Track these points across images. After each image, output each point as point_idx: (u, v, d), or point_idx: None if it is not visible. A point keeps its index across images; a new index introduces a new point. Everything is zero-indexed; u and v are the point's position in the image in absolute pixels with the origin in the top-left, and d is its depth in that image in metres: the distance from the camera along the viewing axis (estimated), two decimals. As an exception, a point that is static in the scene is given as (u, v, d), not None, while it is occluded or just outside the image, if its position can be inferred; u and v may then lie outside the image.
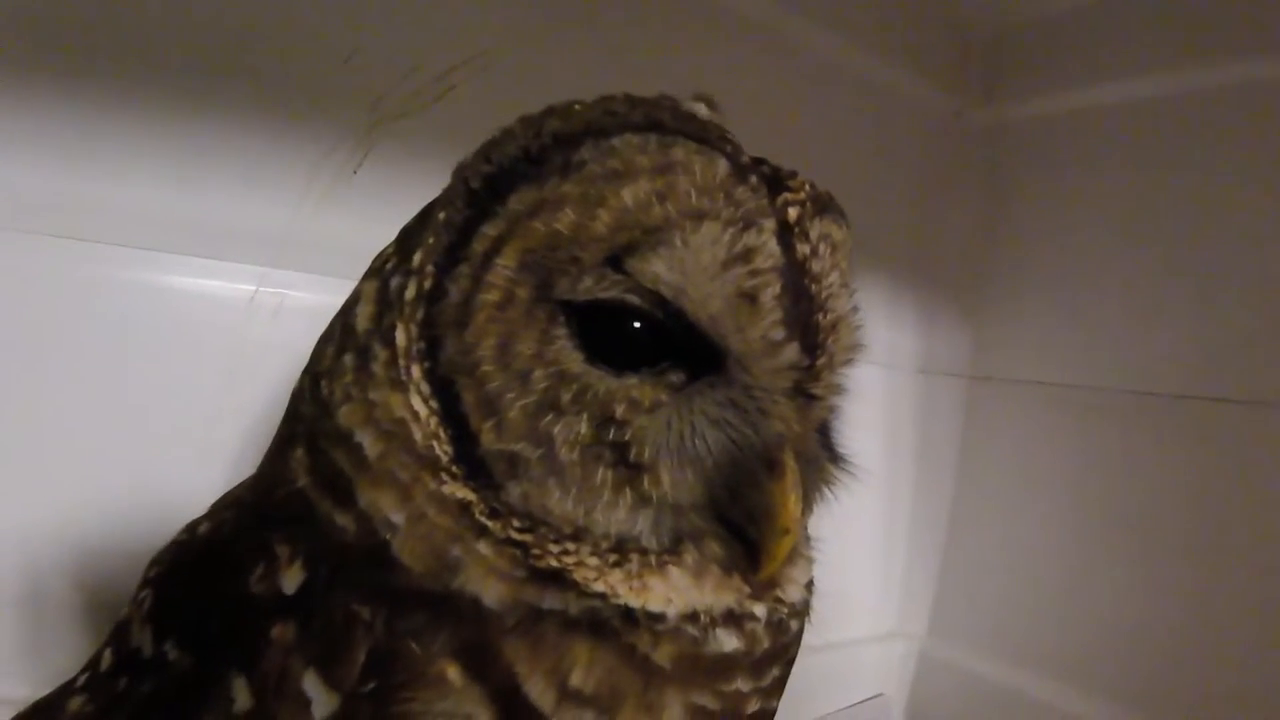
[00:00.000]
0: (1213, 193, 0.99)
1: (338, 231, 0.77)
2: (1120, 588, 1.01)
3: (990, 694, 1.10)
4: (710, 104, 0.43)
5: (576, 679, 0.36)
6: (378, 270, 0.43)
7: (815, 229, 0.40)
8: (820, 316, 0.39)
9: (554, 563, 0.37)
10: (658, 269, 0.37)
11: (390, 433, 0.39)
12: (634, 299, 0.38)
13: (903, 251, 1.27)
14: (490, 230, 0.39)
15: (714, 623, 0.39)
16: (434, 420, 0.38)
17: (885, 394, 1.26)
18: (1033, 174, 1.19)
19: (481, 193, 0.40)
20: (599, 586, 0.37)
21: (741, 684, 0.39)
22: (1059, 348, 1.13)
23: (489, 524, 0.37)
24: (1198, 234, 1.00)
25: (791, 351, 0.38)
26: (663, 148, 0.38)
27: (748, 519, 0.39)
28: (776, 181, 0.40)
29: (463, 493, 0.38)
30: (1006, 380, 1.19)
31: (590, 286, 0.38)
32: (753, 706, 0.40)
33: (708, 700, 0.38)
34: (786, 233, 0.39)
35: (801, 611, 0.45)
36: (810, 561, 0.47)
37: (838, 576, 1.21)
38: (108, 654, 0.45)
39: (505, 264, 0.38)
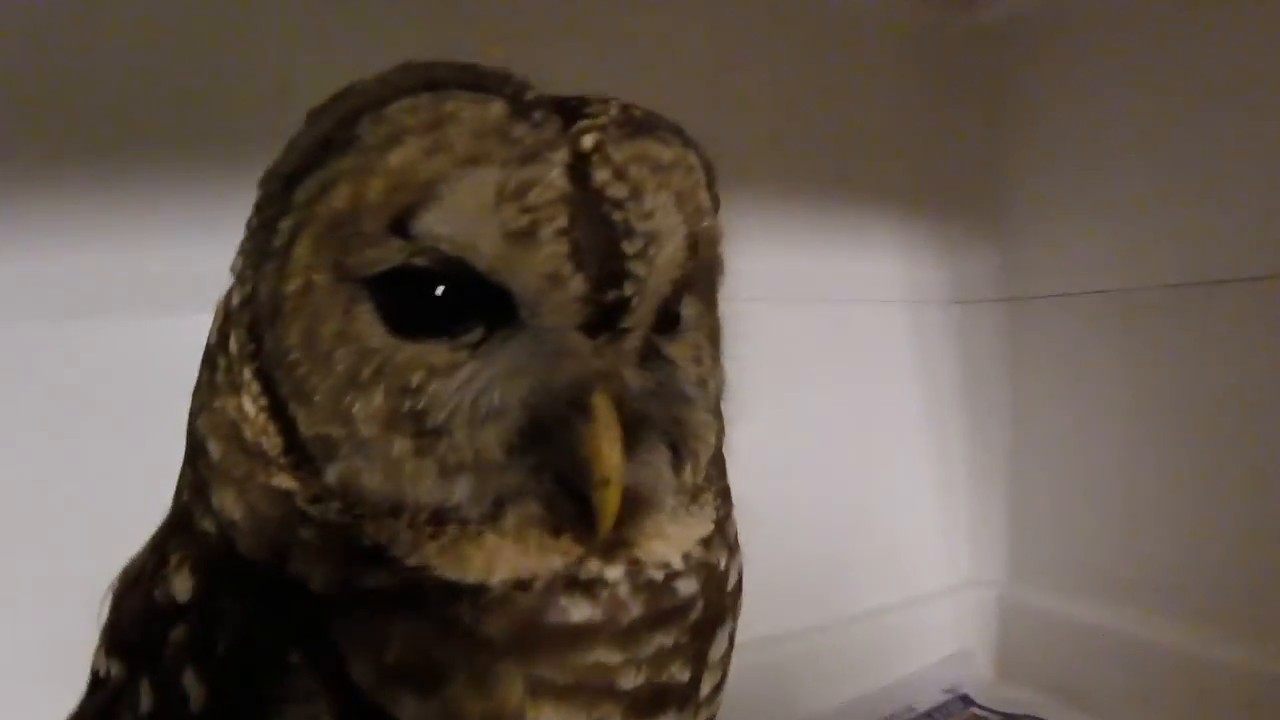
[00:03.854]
0: (1231, 63, 0.90)
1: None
2: (1201, 498, 0.92)
3: (1084, 635, 1.01)
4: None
5: (391, 655, 0.35)
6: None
7: (622, 152, 0.38)
8: (626, 243, 0.36)
9: (369, 541, 0.36)
10: (431, 225, 0.36)
11: (227, 435, 0.40)
12: (419, 261, 0.36)
13: (912, 178, 1.20)
14: (285, 224, 0.39)
15: (551, 590, 0.36)
16: (262, 416, 0.39)
17: (917, 331, 1.19)
18: (1034, 73, 1.10)
19: (279, 190, 0.40)
20: (414, 560, 0.36)
21: (605, 655, 0.37)
22: (1094, 253, 1.03)
23: (310, 509, 0.37)
24: (1219, 109, 0.91)
25: (578, 283, 0.36)
26: (434, 104, 0.37)
27: (571, 472, 0.36)
28: (573, 112, 0.38)
29: (287, 482, 0.38)
30: (1046, 297, 1.10)
31: (376, 256, 0.36)
32: (634, 679, 0.37)
33: (556, 674, 0.36)
34: (583, 162, 0.37)
35: (705, 569, 0.41)
36: (710, 516, 0.43)
37: (891, 531, 1.14)
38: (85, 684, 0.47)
39: (301, 252, 0.38)
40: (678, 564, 0.39)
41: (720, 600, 0.42)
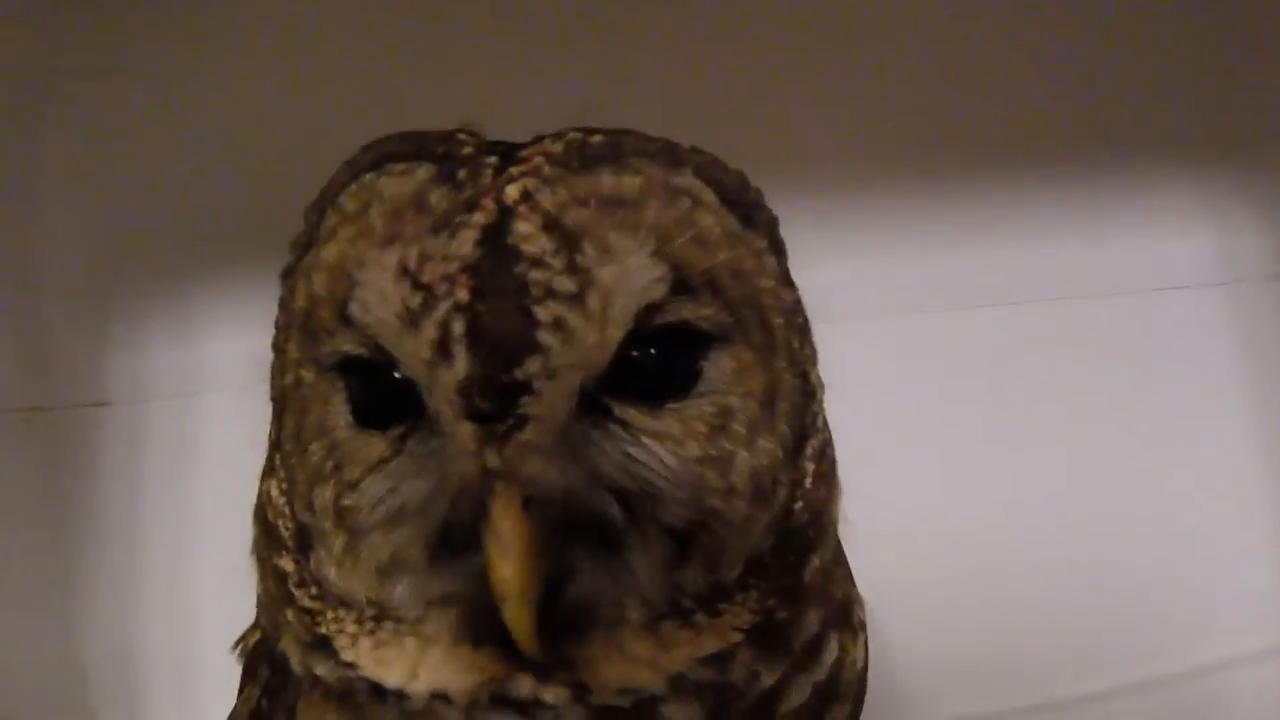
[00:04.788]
0: None
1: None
2: None
3: None
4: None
5: None
6: None
7: (559, 195, 0.33)
8: (539, 309, 0.31)
9: (324, 630, 0.37)
10: (356, 313, 0.34)
11: (261, 515, 0.43)
12: (358, 350, 0.35)
13: (1210, 131, 0.96)
14: (281, 320, 0.42)
15: (478, 706, 0.34)
16: (281, 500, 0.41)
17: (1232, 318, 0.95)
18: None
19: (281, 287, 0.43)
20: (349, 656, 0.36)
21: None
22: None
23: (295, 592, 0.39)
24: None
25: (462, 365, 0.31)
26: (371, 184, 0.36)
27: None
28: (512, 158, 0.35)
29: (287, 564, 0.40)
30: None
31: (331, 347, 0.37)
32: None
33: None
34: (508, 217, 0.33)
35: (717, 692, 0.35)
36: (734, 623, 0.36)
37: (1202, 576, 0.92)
38: None
39: (291, 348, 0.40)
40: (655, 687, 0.34)
41: None
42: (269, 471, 0.43)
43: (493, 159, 0.35)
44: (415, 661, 0.35)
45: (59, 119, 0.90)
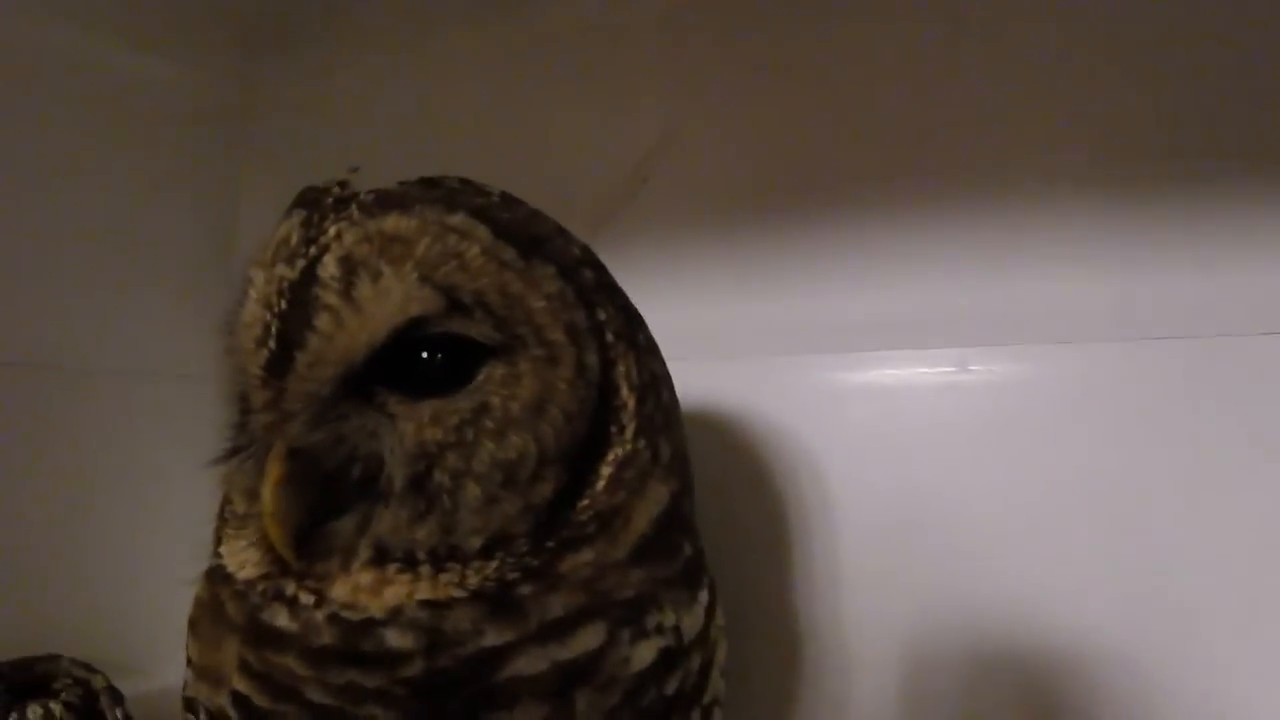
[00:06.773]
0: None
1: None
2: None
3: None
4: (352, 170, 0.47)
5: (192, 611, 0.49)
6: None
7: (354, 233, 0.42)
8: (316, 319, 0.41)
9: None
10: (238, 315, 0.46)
11: None
12: None
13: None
14: None
15: (269, 595, 0.43)
16: None
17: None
18: None
19: None
20: (222, 550, 0.47)
21: (293, 663, 0.41)
22: None
23: (226, 512, 0.50)
24: None
25: (265, 352, 0.42)
26: (277, 223, 0.46)
27: None
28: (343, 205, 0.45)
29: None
30: None
31: None
32: (321, 696, 0.41)
33: (253, 659, 0.43)
34: (323, 252, 0.42)
35: (435, 635, 0.41)
36: (465, 581, 0.42)
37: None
38: None
39: None
40: (375, 612, 0.41)
41: (481, 678, 0.41)
42: None
43: (342, 207, 0.43)
44: (243, 557, 0.45)
45: (257, 152, 1.09)
